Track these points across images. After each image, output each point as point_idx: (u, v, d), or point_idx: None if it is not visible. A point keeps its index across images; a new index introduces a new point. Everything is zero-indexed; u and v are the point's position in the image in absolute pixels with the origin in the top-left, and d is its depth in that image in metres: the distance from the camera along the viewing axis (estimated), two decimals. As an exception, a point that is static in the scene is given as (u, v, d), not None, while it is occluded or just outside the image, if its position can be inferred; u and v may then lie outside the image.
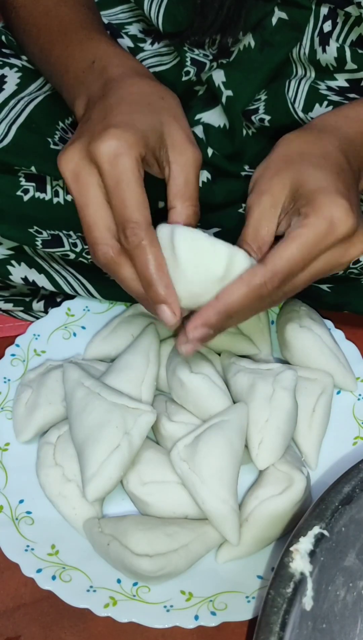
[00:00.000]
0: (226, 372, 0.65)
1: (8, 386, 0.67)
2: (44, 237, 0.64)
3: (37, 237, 0.64)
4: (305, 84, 0.65)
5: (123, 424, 0.57)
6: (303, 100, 0.65)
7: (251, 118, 0.68)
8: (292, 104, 0.65)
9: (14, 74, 0.67)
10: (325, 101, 0.64)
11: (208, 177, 0.67)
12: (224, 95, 0.66)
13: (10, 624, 0.57)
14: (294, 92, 0.65)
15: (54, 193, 0.66)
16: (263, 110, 0.67)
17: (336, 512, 0.49)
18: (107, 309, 0.72)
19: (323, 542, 0.48)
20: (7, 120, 0.65)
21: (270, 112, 0.67)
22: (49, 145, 0.65)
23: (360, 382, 0.68)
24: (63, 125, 0.68)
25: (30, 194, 0.65)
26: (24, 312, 0.74)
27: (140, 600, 0.55)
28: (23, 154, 0.63)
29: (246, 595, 0.55)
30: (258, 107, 0.68)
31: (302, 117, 0.65)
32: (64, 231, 0.66)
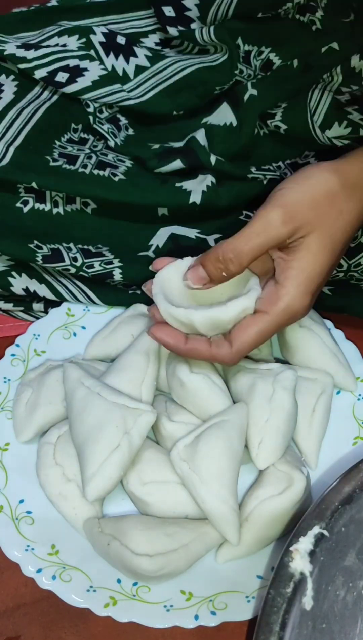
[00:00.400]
0: (226, 372, 0.65)
1: (8, 386, 0.67)
2: (44, 253, 0.65)
3: (37, 252, 0.64)
4: (328, 94, 0.65)
5: (123, 423, 0.57)
6: (323, 114, 0.64)
7: (267, 122, 0.67)
8: (312, 116, 0.65)
9: (11, 82, 0.67)
10: (345, 120, 0.64)
11: (213, 182, 0.67)
12: (248, 92, 0.66)
13: (10, 624, 0.57)
14: (316, 103, 0.65)
15: (54, 204, 0.66)
16: (280, 118, 0.67)
17: (336, 512, 0.49)
18: (107, 309, 0.72)
19: (323, 542, 0.48)
20: (4, 141, 0.65)
21: (287, 121, 0.67)
22: (49, 164, 0.65)
23: (360, 382, 0.68)
24: (60, 143, 0.68)
25: (30, 205, 0.65)
26: (24, 312, 0.75)
27: (140, 600, 0.55)
28: (22, 172, 0.64)
29: (246, 595, 0.55)
30: (276, 112, 0.67)
31: (319, 134, 0.64)
32: (64, 244, 0.66)
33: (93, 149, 0.70)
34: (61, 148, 0.67)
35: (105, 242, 0.67)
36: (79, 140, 0.71)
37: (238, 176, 0.69)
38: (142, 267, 0.67)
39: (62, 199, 0.66)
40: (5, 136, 0.65)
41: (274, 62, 0.66)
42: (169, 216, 0.68)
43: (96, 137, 0.71)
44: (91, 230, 0.67)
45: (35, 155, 0.65)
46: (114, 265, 0.67)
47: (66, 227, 0.67)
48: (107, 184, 0.66)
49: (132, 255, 0.68)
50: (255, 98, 0.66)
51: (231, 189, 0.68)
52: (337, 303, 0.69)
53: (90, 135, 0.71)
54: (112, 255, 0.67)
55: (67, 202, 0.66)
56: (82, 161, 0.68)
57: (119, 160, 0.69)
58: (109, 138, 0.69)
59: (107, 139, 0.69)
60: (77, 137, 0.71)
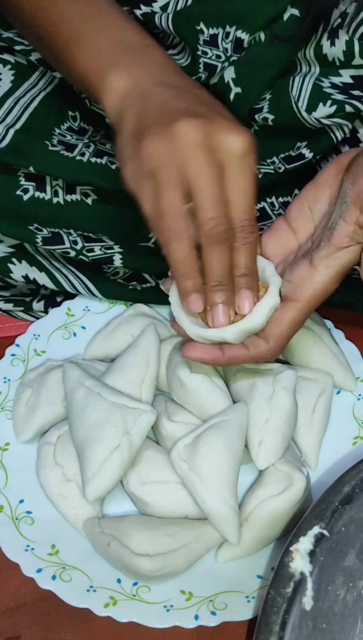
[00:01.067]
0: (226, 372, 0.65)
1: (8, 386, 0.67)
2: (44, 235, 0.64)
3: (37, 234, 0.64)
4: (309, 81, 0.65)
5: (123, 423, 0.57)
6: (307, 99, 0.64)
7: (255, 117, 0.67)
8: (296, 102, 0.65)
9: (8, 71, 0.67)
10: (329, 100, 0.64)
11: None
12: (232, 92, 0.66)
13: (10, 624, 0.57)
14: (298, 90, 0.65)
15: (54, 193, 0.66)
16: (267, 110, 0.67)
17: (336, 512, 0.49)
18: (107, 309, 0.72)
19: (323, 542, 0.48)
20: (4, 124, 0.65)
21: (273, 111, 0.67)
22: (47, 148, 0.65)
23: (360, 382, 0.68)
24: (60, 130, 0.68)
25: (30, 193, 0.65)
26: (24, 312, 0.75)
27: (140, 600, 0.55)
28: (21, 155, 0.63)
29: (246, 595, 0.55)
30: (263, 106, 0.67)
31: (306, 117, 0.64)
32: (64, 229, 0.66)
33: (92, 138, 0.70)
34: (60, 135, 0.67)
35: (106, 232, 0.67)
36: (79, 129, 0.71)
37: None
38: (142, 256, 0.67)
39: (62, 188, 0.66)
40: (5, 120, 0.65)
41: (243, 39, 0.65)
42: None
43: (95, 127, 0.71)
44: (91, 221, 0.67)
45: (34, 139, 0.65)
46: (114, 250, 0.67)
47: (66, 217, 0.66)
48: (104, 172, 0.66)
49: (132, 244, 0.68)
50: (240, 96, 0.66)
51: None
52: (342, 300, 0.69)
53: (90, 126, 0.71)
54: (112, 242, 0.67)
55: (68, 191, 0.66)
56: (80, 150, 0.67)
57: None
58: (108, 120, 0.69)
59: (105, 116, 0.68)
60: (77, 127, 0.71)
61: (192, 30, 0.65)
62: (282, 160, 0.69)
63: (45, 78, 0.70)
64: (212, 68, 0.67)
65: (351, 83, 0.64)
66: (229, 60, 0.66)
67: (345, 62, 0.63)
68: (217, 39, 0.66)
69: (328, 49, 0.63)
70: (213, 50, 0.66)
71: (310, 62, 0.65)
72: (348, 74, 0.64)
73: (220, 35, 0.66)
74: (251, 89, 0.66)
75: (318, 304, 0.53)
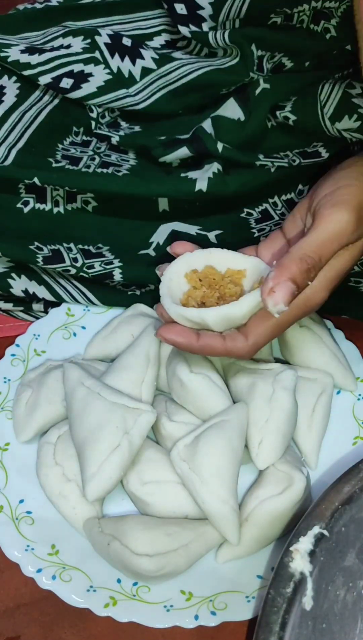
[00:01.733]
0: (226, 372, 0.65)
1: (8, 386, 0.67)
2: (44, 254, 0.64)
3: (37, 254, 0.64)
4: (339, 87, 0.64)
5: (123, 423, 0.57)
6: (334, 107, 0.64)
7: (276, 113, 0.67)
8: (322, 108, 0.65)
9: (13, 84, 0.67)
10: (355, 114, 0.63)
11: (219, 169, 0.66)
12: (260, 87, 0.65)
13: (10, 624, 0.57)
14: (326, 95, 0.65)
15: (54, 203, 0.66)
16: (290, 109, 0.67)
17: (336, 512, 0.49)
18: (107, 309, 0.72)
19: (323, 542, 0.48)
20: (6, 144, 0.65)
21: (297, 112, 0.66)
22: (51, 165, 0.65)
23: (360, 382, 0.68)
24: (63, 145, 0.68)
25: (31, 205, 0.65)
26: (24, 312, 0.75)
27: (140, 600, 0.55)
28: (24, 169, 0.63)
29: (246, 595, 0.55)
30: (286, 105, 0.67)
31: (329, 126, 0.64)
32: (64, 244, 0.66)
33: (96, 150, 0.70)
34: (63, 150, 0.67)
35: (105, 241, 0.67)
36: (82, 142, 0.71)
37: (246, 163, 0.68)
38: (142, 267, 0.67)
39: (62, 198, 0.66)
40: (7, 139, 0.65)
41: (286, 65, 0.66)
42: (170, 212, 0.68)
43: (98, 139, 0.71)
44: (91, 229, 0.67)
45: (37, 157, 0.65)
46: (114, 265, 0.67)
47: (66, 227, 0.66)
48: (110, 177, 0.66)
49: (132, 255, 0.68)
50: (267, 91, 0.65)
51: (239, 177, 0.67)
52: (335, 306, 0.69)
53: (93, 138, 0.71)
54: (112, 256, 0.67)
55: (68, 201, 0.66)
56: (85, 162, 0.68)
57: (123, 160, 0.69)
58: (113, 135, 0.69)
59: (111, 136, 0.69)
60: (79, 140, 0.71)
61: (248, 46, 0.65)
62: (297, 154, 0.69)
63: (51, 92, 0.70)
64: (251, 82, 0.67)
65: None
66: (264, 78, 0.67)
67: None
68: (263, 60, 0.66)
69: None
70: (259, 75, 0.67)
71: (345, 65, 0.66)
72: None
73: (266, 58, 0.66)
74: (279, 86, 0.66)
75: (306, 313, 0.53)
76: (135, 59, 0.69)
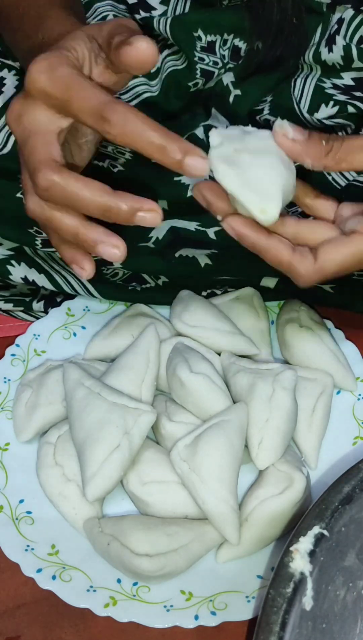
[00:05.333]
0: (226, 372, 0.65)
1: (8, 386, 0.67)
2: (43, 237, 0.64)
3: (36, 237, 0.64)
4: (310, 82, 0.65)
5: (123, 424, 0.57)
6: (309, 100, 0.64)
7: (256, 119, 0.67)
8: (298, 103, 0.65)
9: (12, 76, 0.67)
10: (331, 101, 0.64)
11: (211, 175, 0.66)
12: (232, 94, 0.65)
13: (10, 624, 0.57)
14: (299, 91, 0.65)
15: None
16: (268, 111, 0.67)
17: (336, 512, 0.49)
18: (107, 309, 0.72)
19: (323, 542, 0.48)
20: (6, 130, 0.65)
21: (274, 112, 0.66)
22: None
23: (360, 382, 0.68)
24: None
25: None
26: (24, 312, 0.74)
27: (140, 600, 0.55)
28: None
29: (246, 595, 0.55)
30: (263, 107, 0.67)
31: (308, 118, 0.64)
32: None
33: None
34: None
35: None
36: None
37: None
38: (142, 258, 0.67)
39: None
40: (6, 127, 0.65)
41: (240, 48, 0.65)
42: (169, 210, 0.68)
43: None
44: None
45: None
46: None
47: None
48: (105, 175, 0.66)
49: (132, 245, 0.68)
50: (239, 98, 0.66)
51: None
52: (339, 301, 0.69)
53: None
54: None
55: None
56: None
57: (118, 153, 0.69)
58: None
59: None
60: None
61: (189, 36, 0.65)
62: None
63: None
64: (209, 74, 0.67)
65: (352, 85, 0.64)
66: (225, 67, 0.67)
67: (344, 66, 0.63)
68: (215, 45, 0.66)
69: (327, 55, 0.63)
70: (210, 57, 0.67)
71: (311, 65, 0.66)
72: (349, 76, 0.64)
73: (218, 43, 0.66)
74: (250, 91, 0.66)
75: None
76: None
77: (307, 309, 0.70)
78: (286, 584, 0.45)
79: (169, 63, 0.69)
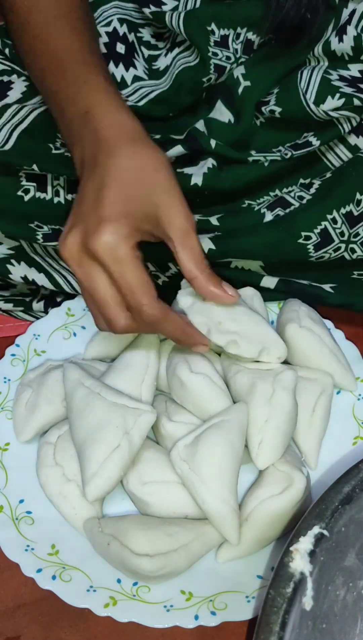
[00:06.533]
0: (226, 372, 0.65)
1: (8, 386, 0.67)
2: (44, 232, 0.64)
3: (37, 231, 0.64)
4: (317, 73, 0.65)
5: (123, 424, 0.57)
6: (315, 92, 0.64)
7: (262, 109, 0.67)
8: (304, 95, 0.65)
9: (22, 82, 0.67)
10: (338, 93, 0.63)
11: (214, 164, 0.66)
12: (241, 85, 0.66)
13: (10, 624, 0.57)
14: (306, 83, 0.65)
15: (55, 193, 0.66)
16: (274, 102, 0.67)
17: (336, 512, 0.49)
18: (107, 309, 0.72)
19: (323, 542, 0.48)
20: (9, 126, 0.65)
21: (281, 103, 0.66)
22: (51, 151, 0.65)
23: (360, 382, 0.68)
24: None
25: (31, 194, 0.65)
26: (24, 312, 0.75)
27: (140, 600, 0.55)
28: (24, 156, 0.63)
29: (246, 595, 0.55)
30: (270, 99, 0.67)
31: (314, 109, 0.64)
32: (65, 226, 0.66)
33: None
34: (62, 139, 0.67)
35: None
36: None
37: (238, 160, 0.68)
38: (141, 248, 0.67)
39: (63, 188, 0.66)
40: (10, 122, 0.65)
41: (253, 41, 0.66)
42: None
43: None
44: None
45: (38, 141, 0.65)
46: None
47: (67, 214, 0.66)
48: None
49: None
50: (249, 89, 0.66)
51: (233, 172, 0.67)
52: (340, 301, 0.69)
53: None
54: None
55: (69, 190, 0.66)
56: None
57: None
58: None
59: None
60: None
61: (203, 31, 0.66)
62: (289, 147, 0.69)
63: None
64: (221, 69, 0.67)
65: (359, 77, 0.64)
66: (238, 61, 0.67)
67: (353, 57, 0.63)
68: (228, 40, 0.66)
69: (337, 45, 0.63)
70: (223, 52, 0.67)
71: (319, 57, 0.66)
72: (357, 68, 0.64)
73: (231, 37, 0.66)
74: (260, 82, 0.66)
75: None
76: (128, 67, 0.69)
77: (307, 309, 0.70)
78: (286, 584, 0.45)
79: (181, 61, 0.69)
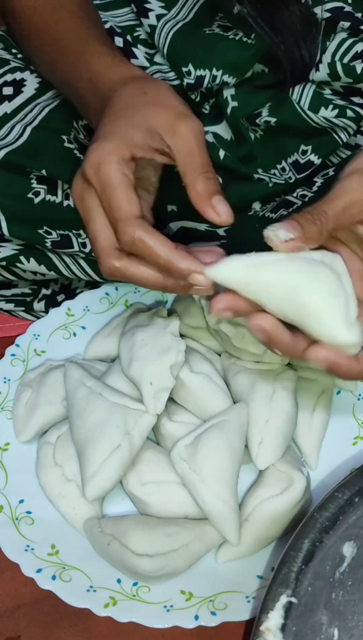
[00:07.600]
0: (227, 372, 0.65)
1: (8, 386, 0.67)
2: (53, 238, 0.65)
3: (46, 237, 0.64)
4: (309, 89, 0.65)
5: (124, 424, 0.57)
6: (308, 102, 0.65)
7: (256, 121, 0.67)
8: (298, 104, 0.65)
9: (34, 78, 0.67)
10: (331, 105, 0.64)
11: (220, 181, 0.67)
12: (229, 106, 0.66)
13: (10, 624, 0.57)
14: (298, 96, 0.65)
15: (65, 196, 0.66)
16: (268, 113, 0.67)
17: (300, 573, 0.47)
18: (107, 309, 0.72)
19: (292, 611, 0.46)
20: (22, 122, 0.65)
21: (274, 114, 0.67)
22: (63, 143, 0.65)
23: (360, 382, 0.68)
24: (76, 125, 0.68)
25: (41, 196, 0.65)
26: (24, 312, 0.75)
27: (140, 600, 0.55)
28: (36, 155, 0.63)
29: (246, 595, 0.55)
30: (261, 110, 0.67)
31: (311, 115, 0.65)
32: (73, 231, 0.66)
33: None
34: (75, 131, 0.67)
35: None
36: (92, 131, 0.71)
37: (245, 175, 0.69)
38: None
39: None
40: (24, 119, 0.65)
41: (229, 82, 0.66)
42: (179, 213, 0.69)
43: None
44: None
45: (50, 135, 0.65)
46: None
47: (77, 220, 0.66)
48: None
49: None
50: (236, 108, 0.66)
51: (238, 190, 0.68)
52: None
53: None
54: None
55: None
56: None
57: None
58: None
59: None
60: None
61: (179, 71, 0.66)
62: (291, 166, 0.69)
63: None
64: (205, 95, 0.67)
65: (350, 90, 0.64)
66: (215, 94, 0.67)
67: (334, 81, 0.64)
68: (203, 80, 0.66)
69: (314, 74, 0.64)
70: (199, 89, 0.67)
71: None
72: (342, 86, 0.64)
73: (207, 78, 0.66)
74: (248, 103, 0.66)
75: None
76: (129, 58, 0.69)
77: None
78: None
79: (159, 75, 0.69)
